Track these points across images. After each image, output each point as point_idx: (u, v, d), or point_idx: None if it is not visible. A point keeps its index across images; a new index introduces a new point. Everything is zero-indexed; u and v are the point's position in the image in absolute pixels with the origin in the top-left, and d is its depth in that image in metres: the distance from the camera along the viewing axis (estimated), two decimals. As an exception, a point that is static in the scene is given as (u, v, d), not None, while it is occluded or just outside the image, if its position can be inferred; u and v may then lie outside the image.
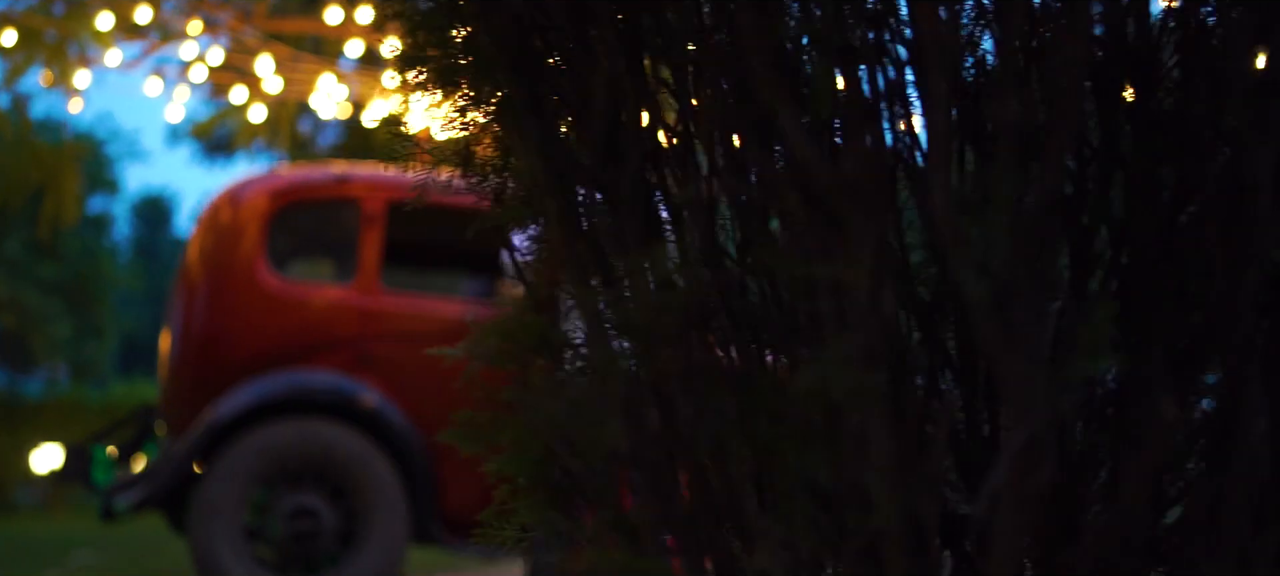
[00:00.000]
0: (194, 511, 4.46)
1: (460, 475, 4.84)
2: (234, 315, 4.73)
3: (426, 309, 4.96)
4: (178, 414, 4.72)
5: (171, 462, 4.49)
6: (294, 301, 4.77)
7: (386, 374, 4.75)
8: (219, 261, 4.77)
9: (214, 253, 4.79)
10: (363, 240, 4.84)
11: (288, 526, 4.53)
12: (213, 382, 4.65)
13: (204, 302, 4.76)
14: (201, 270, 4.79)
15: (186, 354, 4.77)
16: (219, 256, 4.77)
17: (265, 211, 4.78)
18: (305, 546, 4.56)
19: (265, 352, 4.68)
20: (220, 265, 4.76)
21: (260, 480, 4.56)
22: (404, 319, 4.85)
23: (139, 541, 7.45)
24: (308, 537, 4.54)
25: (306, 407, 4.63)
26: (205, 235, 4.84)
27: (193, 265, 4.82)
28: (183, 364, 4.77)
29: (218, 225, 4.82)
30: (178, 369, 4.78)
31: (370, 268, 4.83)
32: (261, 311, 4.72)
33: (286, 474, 4.60)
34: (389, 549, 4.61)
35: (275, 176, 4.97)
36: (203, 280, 4.78)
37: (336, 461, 4.60)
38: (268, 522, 4.57)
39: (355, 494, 4.63)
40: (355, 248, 4.86)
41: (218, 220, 4.83)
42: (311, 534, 4.54)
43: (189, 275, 4.83)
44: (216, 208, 4.88)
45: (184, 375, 4.76)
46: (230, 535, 4.47)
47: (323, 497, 4.61)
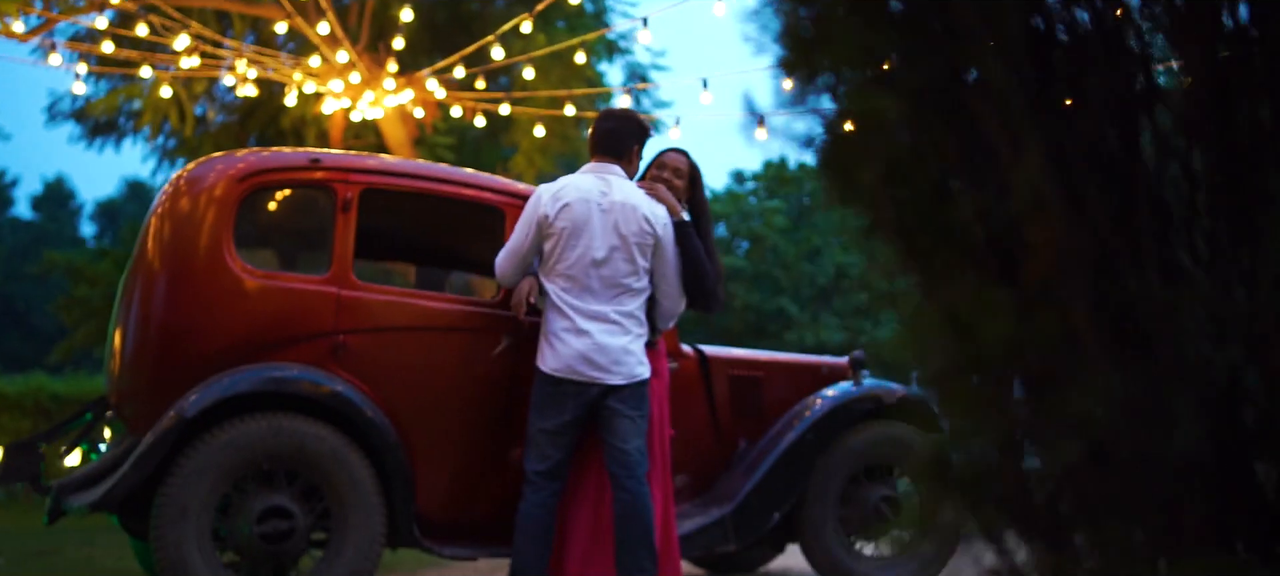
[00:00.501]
0: (160, 513, 4.17)
1: (436, 474, 4.66)
2: (197, 305, 4.44)
3: (404, 300, 4.76)
4: (137, 410, 4.41)
5: (134, 460, 4.18)
6: (263, 291, 4.50)
7: (361, 367, 4.54)
8: (181, 248, 4.47)
9: (175, 238, 4.49)
10: (337, 227, 4.61)
11: (257, 527, 4.28)
12: (175, 377, 4.37)
13: (165, 292, 4.46)
14: (161, 257, 4.48)
15: (145, 346, 4.47)
16: (181, 242, 4.47)
17: (232, 194, 4.51)
18: (276, 548, 4.31)
19: (232, 345, 4.42)
20: (182, 252, 4.47)
21: (230, 479, 4.30)
22: (380, 310, 4.64)
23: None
24: (278, 539, 4.30)
25: (278, 402, 4.38)
26: (164, 220, 4.53)
27: (150, 252, 4.51)
28: (141, 357, 4.47)
29: (178, 209, 4.52)
30: (136, 362, 4.47)
31: (344, 256, 4.60)
32: (227, 301, 4.45)
33: (257, 472, 4.35)
34: (364, 551, 4.40)
35: (242, 157, 4.68)
36: (163, 268, 4.47)
37: (310, 459, 4.36)
38: (236, 524, 4.31)
39: (330, 493, 4.41)
40: (329, 235, 4.62)
41: (178, 204, 4.53)
42: (283, 535, 4.30)
43: (146, 263, 4.51)
44: (176, 191, 4.57)
45: (143, 369, 4.45)
46: (200, 538, 4.20)
47: (294, 497, 4.37)
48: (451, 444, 4.69)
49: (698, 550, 5.07)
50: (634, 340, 4.48)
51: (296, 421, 4.36)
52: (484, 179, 5.02)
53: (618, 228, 4.44)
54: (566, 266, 4.43)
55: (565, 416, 4.41)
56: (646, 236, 4.49)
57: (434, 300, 4.86)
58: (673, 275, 4.60)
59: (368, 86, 9.29)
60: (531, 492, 4.43)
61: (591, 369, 4.38)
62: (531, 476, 4.44)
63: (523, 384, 4.63)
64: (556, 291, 4.45)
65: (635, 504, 4.37)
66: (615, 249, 4.43)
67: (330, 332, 4.52)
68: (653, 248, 4.52)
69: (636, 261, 4.47)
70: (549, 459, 4.43)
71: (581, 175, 4.59)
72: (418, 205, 4.99)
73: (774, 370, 5.75)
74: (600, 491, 4.62)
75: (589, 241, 4.42)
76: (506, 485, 4.74)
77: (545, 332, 4.48)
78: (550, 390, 4.43)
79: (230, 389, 4.30)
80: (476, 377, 4.72)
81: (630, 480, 4.39)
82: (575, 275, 4.42)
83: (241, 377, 4.34)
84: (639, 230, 4.47)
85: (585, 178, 4.56)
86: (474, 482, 4.75)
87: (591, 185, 4.51)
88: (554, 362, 4.41)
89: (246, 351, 4.42)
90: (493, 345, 4.74)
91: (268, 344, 4.46)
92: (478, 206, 4.91)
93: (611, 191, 4.50)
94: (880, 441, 5.52)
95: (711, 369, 5.54)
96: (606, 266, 4.42)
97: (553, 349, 4.43)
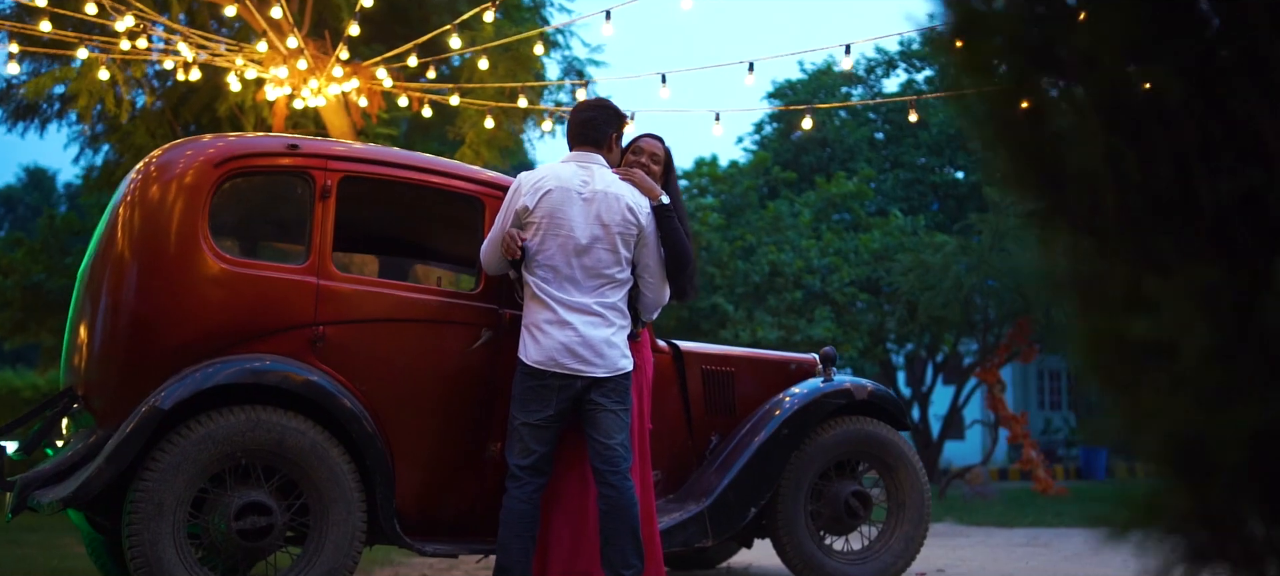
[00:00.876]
0: (135, 510, 4.02)
1: (417, 468, 4.58)
2: (171, 294, 4.28)
3: (385, 291, 4.66)
4: (107, 402, 4.24)
5: (108, 454, 4.02)
6: (239, 280, 4.36)
7: (341, 360, 4.43)
8: (153, 235, 4.30)
9: (146, 225, 4.32)
10: (315, 215, 4.49)
11: (235, 524, 4.14)
12: (147, 368, 4.21)
13: (136, 280, 4.29)
14: (132, 245, 4.31)
15: (115, 336, 4.30)
16: (153, 230, 4.31)
17: (207, 180, 4.36)
18: (253, 546, 4.18)
19: (206, 335, 4.27)
20: (154, 239, 4.30)
21: (206, 474, 4.16)
22: (361, 301, 4.53)
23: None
24: (256, 536, 4.17)
25: (256, 394, 4.25)
26: (134, 207, 4.35)
27: (119, 240, 4.34)
28: (111, 347, 4.30)
29: (149, 196, 4.35)
30: (106, 353, 4.30)
31: (323, 245, 4.48)
32: (202, 290, 4.30)
33: (235, 467, 4.21)
34: (344, 548, 4.29)
35: (214, 142, 4.52)
36: (133, 256, 4.30)
37: (289, 453, 4.24)
38: (212, 521, 4.17)
39: (309, 489, 4.29)
40: (307, 223, 4.49)
41: (148, 190, 4.36)
42: (261, 532, 4.17)
43: (116, 252, 4.33)
44: (146, 177, 4.40)
45: (113, 360, 4.28)
46: (175, 535, 4.05)
47: (272, 492, 4.24)
48: (432, 438, 4.60)
49: (676, 545, 5.05)
50: (617, 332, 4.44)
51: (276, 414, 4.23)
52: (464, 169, 4.93)
53: (600, 217, 4.39)
54: (547, 257, 4.37)
55: (549, 410, 4.35)
56: (630, 226, 4.45)
57: (415, 291, 4.76)
58: (657, 265, 4.57)
59: (314, 73, 9.10)
60: (515, 487, 4.37)
61: (575, 361, 4.33)
62: (515, 471, 4.38)
63: (504, 376, 4.56)
64: (537, 282, 4.39)
65: (620, 500, 4.33)
66: (597, 238, 4.39)
67: (309, 324, 4.40)
68: (636, 238, 4.49)
69: (619, 251, 4.43)
70: (532, 453, 4.37)
71: (562, 164, 4.54)
72: (396, 194, 4.88)
73: (745, 365, 5.75)
74: (583, 485, 4.58)
75: (570, 231, 4.37)
76: (488, 479, 4.66)
77: (527, 324, 4.42)
78: (532, 383, 4.37)
79: (208, 380, 4.16)
80: (458, 370, 4.64)
81: (614, 475, 4.35)
82: (556, 265, 4.36)
83: (219, 369, 4.20)
84: (622, 220, 4.43)
85: (566, 167, 4.51)
86: (455, 477, 4.67)
87: (572, 174, 4.46)
88: (537, 355, 4.35)
89: (222, 342, 4.28)
90: (474, 337, 4.66)
91: (244, 335, 4.32)
92: (457, 197, 4.82)
93: (593, 180, 4.45)
94: (851, 437, 5.56)
95: (686, 363, 5.52)
96: (588, 256, 4.37)
97: (535, 341, 4.36)
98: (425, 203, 5.03)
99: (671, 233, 4.56)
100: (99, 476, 3.99)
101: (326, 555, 4.27)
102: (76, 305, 4.65)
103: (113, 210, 4.47)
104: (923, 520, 5.66)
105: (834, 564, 5.46)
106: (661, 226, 4.55)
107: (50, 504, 4.01)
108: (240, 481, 4.22)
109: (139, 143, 10.19)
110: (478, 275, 4.76)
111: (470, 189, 4.82)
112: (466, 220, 4.88)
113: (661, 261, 4.58)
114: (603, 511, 4.37)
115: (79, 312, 4.56)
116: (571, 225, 4.37)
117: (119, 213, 4.39)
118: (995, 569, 6.71)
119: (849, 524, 5.54)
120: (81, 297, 4.57)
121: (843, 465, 5.62)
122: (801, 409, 5.44)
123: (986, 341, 16.08)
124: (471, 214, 4.82)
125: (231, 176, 4.43)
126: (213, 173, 4.37)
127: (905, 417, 5.81)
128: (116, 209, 4.43)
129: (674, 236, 4.57)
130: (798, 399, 5.50)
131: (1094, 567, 6.73)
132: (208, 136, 4.75)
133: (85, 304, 4.49)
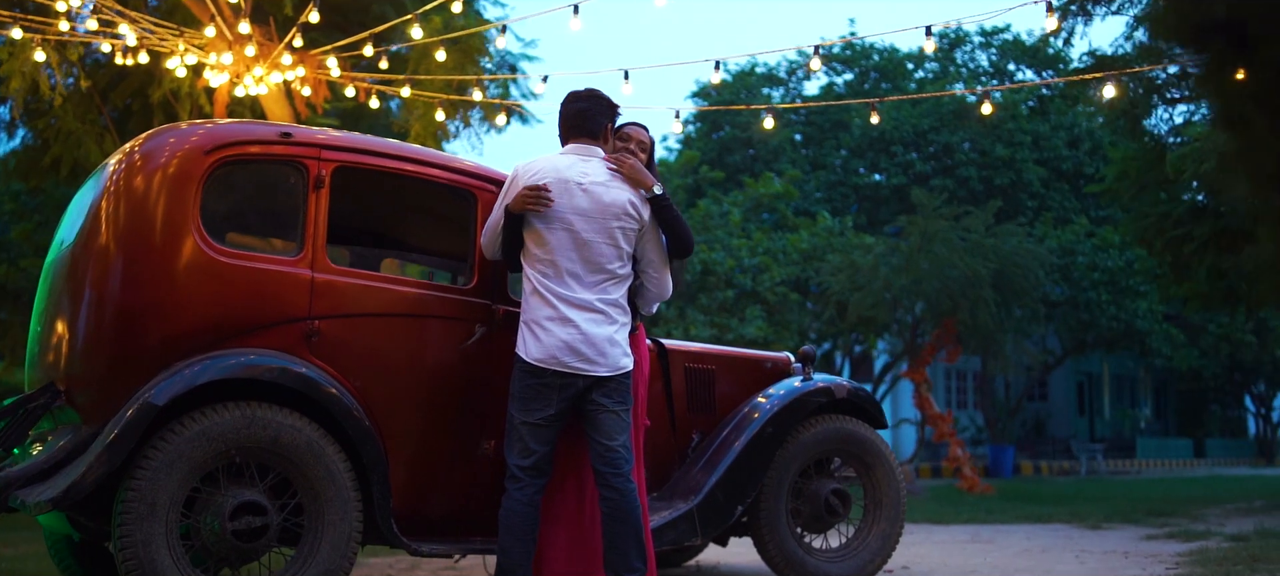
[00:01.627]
0: (127, 510, 3.84)
1: (413, 466, 4.48)
2: (159, 286, 4.10)
3: (381, 284, 4.54)
4: (93, 398, 4.05)
5: (100, 452, 3.83)
6: (231, 271, 4.20)
7: (335, 355, 4.30)
8: (140, 226, 4.12)
9: (133, 216, 4.13)
10: (309, 206, 4.35)
11: (230, 525, 3.99)
12: (137, 363, 4.03)
13: (122, 272, 4.10)
14: (116, 236, 4.11)
15: (101, 332, 4.10)
16: (140, 220, 4.12)
17: (198, 168, 4.19)
18: (248, 547, 4.04)
19: (197, 329, 4.11)
20: (141, 230, 4.11)
21: (199, 472, 4.00)
22: (356, 294, 4.40)
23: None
24: (251, 536, 4.03)
25: (251, 390, 4.11)
26: (117, 197, 4.16)
27: (103, 231, 4.14)
28: (98, 343, 4.10)
29: (133, 186, 4.16)
30: (92, 348, 4.10)
31: (317, 237, 4.34)
32: (193, 282, 4.13)
33: (228, 466, 4.06)
34: (340, 548, 4.17)
35: (202, 129, 4.35)
36: (119, 247, 4.10)
37: (284, 451, 4.10)
38: (205, 521, 4.01)
39: (304, 487, 4.16)
40: (300, 214, 4.35)
41: (133, 180, 4.17)
42: (256, 532, 4.03)
43: (99, 242, 4.14)
44: (130, 166, 4.20)
45: (99, 354, 4.08)
46: (169, 536, 3.89)
47: (266, 491, 4.10)
48: (427, 434, 4.50)
49: (665, 544, 5.02)
50: (619, 330, 4.38)
51: (271, 411, 4.09)
52: (458, 161, 4.84)
53: (602, 211, 4.33)
54: (546, 251, 4.30)
55: (549, 410, 4.28)
56: (631, 221, 4.39)
57: (411, 285, 4.64)
58: (659, 256, 4.52)
59: (259, 61, 8.86)
60: (515, 488, 4.29)
61: (577, 360, 4.26)
62: (515, 471, 4.30)
63: (499, 372, 4.48)
64: (537, 277, 4.31)
65: (623, 503, 4.28)
66: (599, 233, 4.32)
67: (303, 317, 4.27)
68: (638, 232, 4.43)
69: (621, 246, 4.37)
70: (533, 453, 4.30)
71: (561, 156, 4.46)
72: (389, 185, 4.76)
73: (724, 364, 5.75)
74: (582, 485, 4.52)
75: (570, 225, 4.30)
76: (485, 478, 4.58)
77: (526, 320, 4.33)
78: (532, 381, 4.29)
79: (201, 376, 4.00)
80: (454, 366, 4.54)
81: (617, 477, 4.30)
82: (556, 260, 4.29)
83: (212, 364, 4.04)
84: (623, 214, 4.37)
85: (565, 158, 4.43)
86: (449, 474, 4.57)
87: (572, 166, 4.39)
88: (537, 352, 4.28)
89: (213, 336, 4.12)
90: (469, 332, 4.57)
91: (236, 328, 4.17)
92: (449, 189, 4.72)
93: (593, 173, 4.39)
94: (830, 435, 5.60)
95: (670, 361, 5.50)
96: (590, 250, 4.30)
97: (536, 338, 4.29)
98: (416, 194, 4.92)
99: (672, 220, 4.50)
100: (90, 474, 3.81)
101: (322, 556, 4.14)
102: (48, 300, 4.44)
103: (93, 201, 4.26)
104: (898, 518, 5.72)
105: (815, 561, 5.49)
106: (660, 215, 4.49)
107: (36, 503, 3.81)
108: (233, 480, 4.07)
109: (68, 127, 9.77)
110: (471, 270, 4.67)
111: (464, 182, 4.72)
112: (458, 212, 4.78)
113: (664, 252, 4.53)
114: (605, 514, 4.31)
115: (53, 308, 4.35)
116: (572, 219, 4.31)
117: (101, 204, 4.19)
118: (956, 564, 6.83)
119: (828, 521, 5.58)
120: (55, 292, 4.37)
121: (820, 463, 5.66)
122: (785, 407, 5.45)
123: (914, 341, 16.38)
124: (463, 206, 4.73)
125: (222, 165, 4.27)
126: (203, 160, 4.21)
127: (883, 416, 5.87)
128: (97, 199, 4.23)
129: (675, 223, 4.51)
130: (780, 397, 5.52)
131: (1049, 563, 6.89)
132: (185, 123, 4.59)
133: (61, 298, 4.29)
